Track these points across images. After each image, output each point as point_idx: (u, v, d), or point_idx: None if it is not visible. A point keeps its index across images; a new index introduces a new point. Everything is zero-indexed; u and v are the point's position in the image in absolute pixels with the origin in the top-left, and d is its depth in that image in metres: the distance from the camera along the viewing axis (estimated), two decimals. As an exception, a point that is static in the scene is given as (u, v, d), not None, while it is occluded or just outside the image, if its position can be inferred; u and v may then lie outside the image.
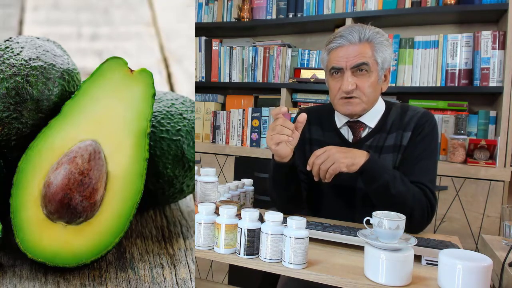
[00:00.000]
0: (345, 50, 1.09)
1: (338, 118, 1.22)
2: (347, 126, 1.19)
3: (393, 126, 1.15)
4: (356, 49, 1.09)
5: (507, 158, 1.68)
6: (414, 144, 1.11)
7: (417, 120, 1.13)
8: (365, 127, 1.17)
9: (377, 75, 1.11)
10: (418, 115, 1.14)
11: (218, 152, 2.16)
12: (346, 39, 1.09)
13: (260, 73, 2.22)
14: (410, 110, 1.17)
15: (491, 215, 1.64)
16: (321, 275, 0.80)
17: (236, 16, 2.31)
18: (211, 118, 2.30)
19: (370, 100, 1.13)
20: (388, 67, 1.15)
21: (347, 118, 1.18)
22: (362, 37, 1.09)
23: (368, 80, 1.10)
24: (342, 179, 1.16)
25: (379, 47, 1.10)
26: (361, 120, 1.16)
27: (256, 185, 1.31)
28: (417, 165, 1.09)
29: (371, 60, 1.09)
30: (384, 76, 1.14)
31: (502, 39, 1.74)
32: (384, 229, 0.77)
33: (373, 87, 1.11)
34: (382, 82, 1.15)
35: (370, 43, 1.09)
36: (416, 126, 1.12)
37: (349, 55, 1.09)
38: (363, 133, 1.17)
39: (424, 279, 0.79)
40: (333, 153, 1.03)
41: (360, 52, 1.08)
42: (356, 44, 1.09)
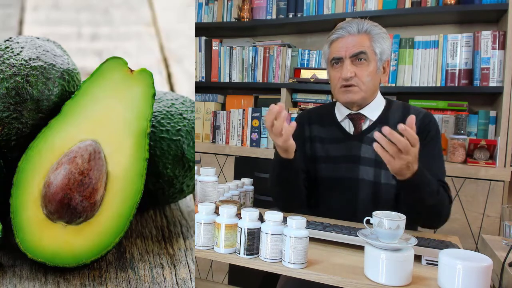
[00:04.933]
0: (344, 40, 1.15)
1: (338, 112, 1.24)
2: (348, 119, 1.21)
3: (395, 121, 1.12)
4: (355, 39, 1.14)
5: (507, 158, 1.68)
6: (427, 144, 1.11)
7: (421, 121, 1.14)
8: (365, 120, 1.20)
9: (375, 65, 1.15)
10: (421, 115, 1.16)
11: (218, 152, 2.16)
12: (346, 30, 1.16)
13: (260, 73, 2.22)
14: (412, 109, 1.19)
15: (491, 215, 1.64)
16: (321, 275, 0.80)
17: (236, 16, 2.31)
18: (211, 118, 2.30)
19: (369, 89, 1.16)
20: (387, 59, 1.19)
21: (348, 111, 1.21)
22: (361, 29, 1.15)
23: (367, 69, 1.14)
24: (343, 179, 1.17)
25: (377, 38, 1.15)
26: (362, 113, 1.19)
27: (256, 185, 1.31)
28: (434, 165, 1.11)
29: (369, 50, 1.14)
30: (383, 68, 1.18)
31: (502, 39, 1.74)
32: (384, 229, 0.77)
33: (371, 76, 1.15)
34: (381, 74, 1.19)
35: (368, 34, 1.15)
36: (422, 126, 1.13)
37: (348, 44, 1.14)
38: (364, 126, 1.20)
39: (424, 279, 0.79)
40: (413, 153, 0.91)
41: (358, 42, 1.14)
42: (355, 35, 1.15)
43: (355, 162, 1.18)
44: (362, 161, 1.17)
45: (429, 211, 1.04)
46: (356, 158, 1.18)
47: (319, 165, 1.22)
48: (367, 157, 1.17)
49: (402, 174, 0.95)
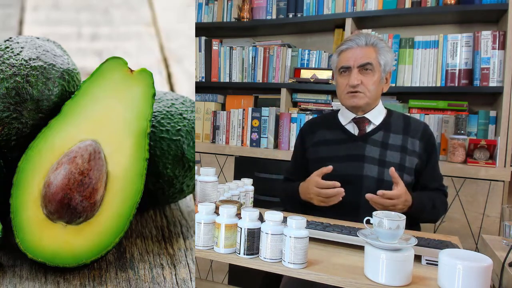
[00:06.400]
0: (353, 51, 1.26)
1: (342, 117, 1.34)
2: (352, 122, 1.31)
3: (397, 128, 1.29)
4: (363, 51, 1.26)
5: (507, 158, 1.68)
6: (429, 155, 1.28)
7: (422, 131, 1.29)
8: (369, 123, 1.30)
9: (379, 75, 1.27)
10: (422, 126, 1.31)
11: (218, 152, 2.16)
12: (355, 42, 1.27)
13: (260, 73, 2.22)
14: (412, 119, 1.33)
15: (491, 215, 1.64)
16: (321, 274, 0.80)
17: (236, 16, 2.31)
18: (211, 118, 2.30)
19: (373, 96, 1.27)
20: (389, 71, 1.30)
21: (353, 115, 1.31)
22: (368, 42, 1.26)
23: (372, 78, 1.25)
24: (348, 176, 1.22)
25: (382, 51, 1.26)
26: (367, 117, 1.29)
27: (256, 185, 1.31)
28: (435, 172, 1.29)
29: (375, 61, 1.25)
30: (385, 78, 1.30)
31: (502, 39, 1.74)
32: (384, 229, 0.77)
33: (376, 85, 1.26)
34: (384, 83, 1.30)
35: (374, 47, 1.26)
36: (423, 136, 1.28)
37: (357, 55, 1.25)
38: (368, 128, 1.30)
39: (424, 279, 0.79)
40: (400, 201, 1.13)
41: (366, 54, 1.25)
42: (363, 47, 1.26)
43: (360, 160, 1.25)
44: (367, 159, 1.25)
45: (430, 219, 1.28)
46: (361, 157, 1.25)
47: (325, 164, 1.25)
48: (371, 156, 1.25)
49: (404, 212, 1.12)
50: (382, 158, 1.24)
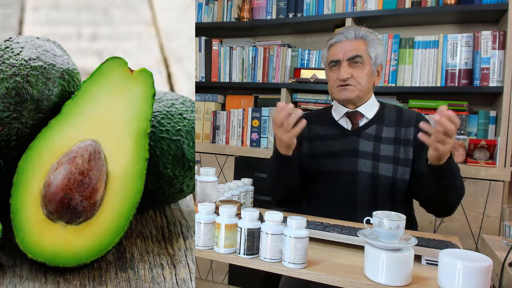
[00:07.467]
0: (342, 45, 1.24)
1: (335, 112, 1.32)
2: (345, 117, 1.29)
3: (390, 121, 1.27)
4: (352, 44, 1.24)
5: (507, 158, 1.68)
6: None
7: (416, 118, 1.25)
8: (362, 117, 1.27)
9: (370, 68, 1.24)
10: (414, 114, 1.28)
11: (218, 152, 2.16)
12: (344, 36, 1.25)
13: (260, 73, 2.22)
14: (405, 110, 1.30)
15: (491, 215, 1.64)
16: (321, 274, 0.80)
17: (236, 16, 2.31)
18: (211, 118, 2.30)
19: (364, 89, 1.24)
20: (380, 64, 1.29)
21: (345, 110, 1.28)
22: (357, 35, 1.24)
23: (362, 71, 1.23)
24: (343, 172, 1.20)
25: (372, 44, 1.24)
26: (359, 110, 1.27)
27: (256, 185, 1.31)
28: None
29: (365, 54, 1.23)
30: (377, 71, 1.28)
31: (502, 39, 1.74)
32: (384, 229, 0.77)
33: (366, 77, 1.24)
34: (375, 76, 1.28)
35: (364, 40, 1.24)
36: (417, 123, 1.19)
37: (346, 49, 1.23)
38: (361, 122, 1.27)
39: (424, 279, 0.79)
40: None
41: (355, 47, 1.23)
42: (352, 40, 1.24)
43: (354, 155, 1.23)
44: (361, 154, 1.23)
45: (457, 193, 1.11)
46: (355, 152, 1.24)
47: (319, 160, 1.27)
48: (365, 151, 1.23)
49: (443, 158, 1.02)
50: (376, 152, 1.22)
